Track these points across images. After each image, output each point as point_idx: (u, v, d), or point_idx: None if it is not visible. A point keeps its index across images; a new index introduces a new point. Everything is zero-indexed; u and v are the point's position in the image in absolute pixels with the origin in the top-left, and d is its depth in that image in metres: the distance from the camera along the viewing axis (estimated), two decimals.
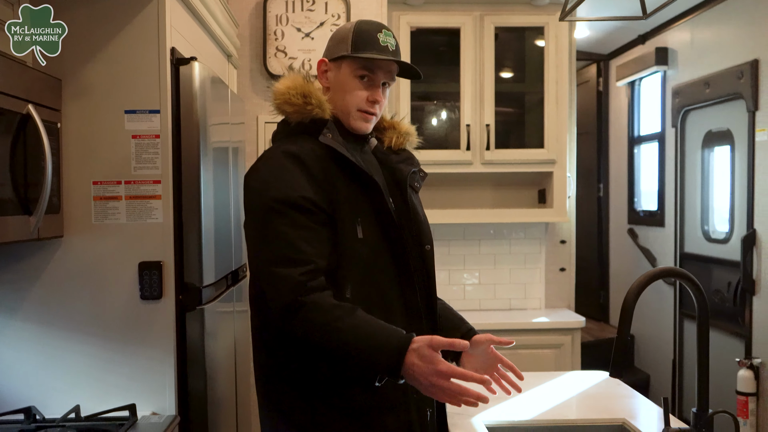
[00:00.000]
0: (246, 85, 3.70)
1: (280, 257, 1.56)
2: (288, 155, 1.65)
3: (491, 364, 1.84)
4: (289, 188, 1.61)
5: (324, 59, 1.78)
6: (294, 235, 1.57)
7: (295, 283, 1.53)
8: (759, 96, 3.60)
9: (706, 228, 4.25)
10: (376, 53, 1.73)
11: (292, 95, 1.71)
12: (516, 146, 3.93)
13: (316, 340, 1.54)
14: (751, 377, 3.55)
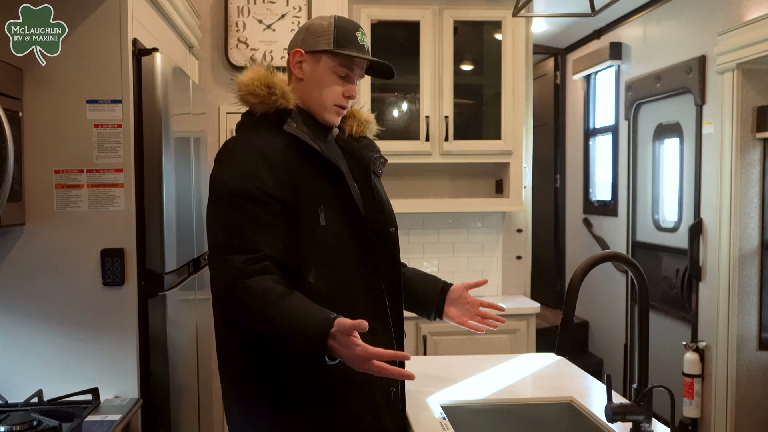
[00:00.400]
0: (208, 76, 3.72)
1: (227, 244, 1.63)
2: (250, 146, 1.70)
3: (472, 308, 2.01)
4: (248, 180, 1.65)
5: (300, 50, 1.80)
6: (245, 226, 1.63)
7: (237, 268, 1.58)
8: (706, 90, 3.75)
9: (657, 217, 4.40)
10: (356, 51, 1.79)
11: (256, 86, 1.75)
12: (474, 138, 4.02)
13: (251, 325, 1.61)
14: (697, 360, 3.71)
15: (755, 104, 3.47)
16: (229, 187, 1.66)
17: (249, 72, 1.79)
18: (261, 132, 1.74)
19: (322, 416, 1.69)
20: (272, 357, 1.68)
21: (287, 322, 1.54)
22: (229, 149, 1.74)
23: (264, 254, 1.61)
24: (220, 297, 1.64)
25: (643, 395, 1.72)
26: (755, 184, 3.50)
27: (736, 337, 3.51)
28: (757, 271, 3.51)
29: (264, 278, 1.58)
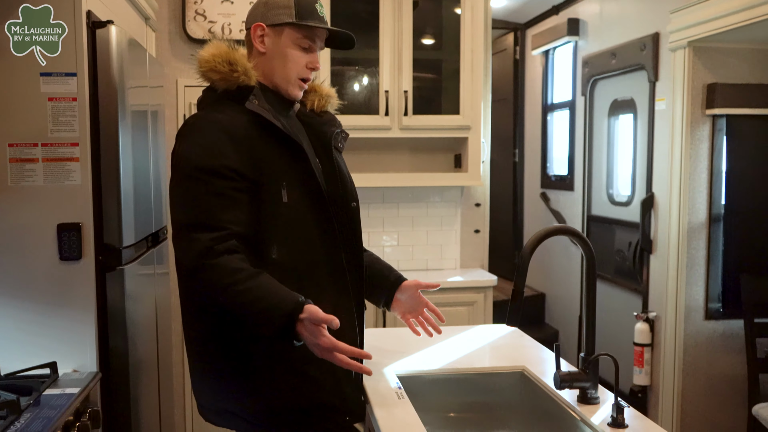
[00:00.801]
0: (165, 49, 3.68)
1: (193, 222, 1.64)
2: (213, 123, 1.70)
3: (418, 308, 2.08)
4: (211, 156, 1.66)
5: (261, 24, 1.80)
6: (210, 202, 1.64)
7: (204, 246, 1.60)
8: (659, 67, 3.83)
9: (611, 192, 4.50)
10: (317, 22, 1.80)
11: (218, 63, 1.75)
12: (433, 112, 4.05)
13: (218, 302, 1.62)
14: (647, 329, 3.83)
15: (705, 81, 3.56)
16: (192, 163, 1.67)
17: (210, 48, 1.79)
18: (223, 108, 1.75)
19: (287, 384, 1.73)
20: (235, 329, 1.71)
21: (255, 304, 1.58)
22: (191, 125, 1.74)
23: (230, 232, 1.63)
24: (185, 275, 1.66)
25: (590, 363, 1.79)
26: (704, 160, 3.60)
27: (684, 307, 3.63)
28: (704, 244, 3.63)
29: (232, 257, 1.61)
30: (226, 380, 1.76)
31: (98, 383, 2.15)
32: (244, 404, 1.75)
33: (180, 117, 3.68)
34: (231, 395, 1.76)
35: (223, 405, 1.79)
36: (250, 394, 1.74)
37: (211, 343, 1.76)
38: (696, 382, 3.66)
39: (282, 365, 1.73)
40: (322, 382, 1.77)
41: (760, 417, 3.16)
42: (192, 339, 1.82)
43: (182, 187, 1.69)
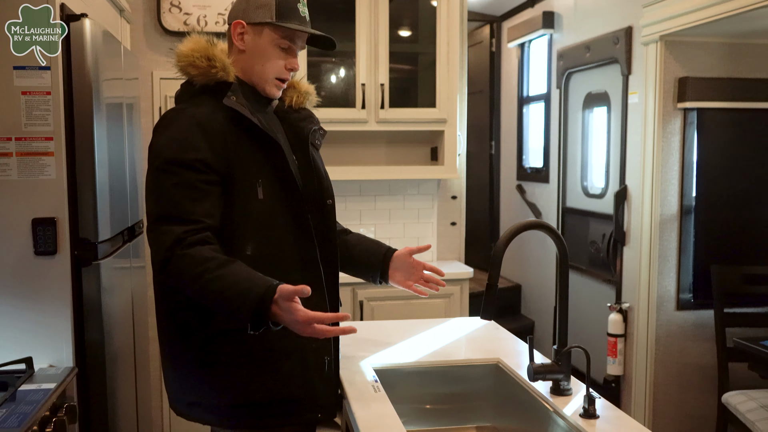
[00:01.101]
0: (140, 41, 3.65)
1: (165, 215, 1.65)
2: (189, 117, 1.71)
3: (416, 272, 2.09)
4: (184, 150, 1.67)
5: (241, 21, 1.79)
6: (181, 195, 1.65)
7: (175, 238, 1.61)
8: (632, 61, 3.88)
9: (585, 184, 4.55)
10: (298, 23, 1.80)
11: (197, 58, 1.75)
12: (410, 105, 4.06)
13: (189, 292, 1.63)
14: (620, 320, 3.89)
15: (677, 75, 3.61)
16: (164, 156, 1.68)
17: (189, 42, 1.79)
18: (200, 103, 1.75)
19: (257, 379, 1.75)
20: (208, 322, 1.72)
21: (227, 290, 1.57)
22: (168, 119, 1.75)
23: (204, 224, 1.65)
24: (157, 266, 1.66)
25: (562, 355, 1.82)
26: (676, 152, 3.66)
27: (656, 298, 3.69)
28: (676, 235, 3.69)
29: (204, 248, 1.62)
30: (196, 374, 1.77)
31: (75, 378, 2.14)
32: (213, 398, 1.77)
33: (156, 109, 3.66)
34: (201, 389, 1.78)
35: (193, 398, 1.80)
36: (220, 388, 1.75)
37: (181, 336, 1.78)
38: (668, 372, 3.73)
39: (248, 358, 1.74)
40: (292, 377, 1.79)
41: (730, 405, 3.23)
42: (164, 332, 1.84)
43: (156, 179, 1.70)
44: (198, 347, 1.75)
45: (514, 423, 2.09)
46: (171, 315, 1.79)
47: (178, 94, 1.86)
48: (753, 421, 3.01)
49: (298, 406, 1.81)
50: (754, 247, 3.79)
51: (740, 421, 3.13)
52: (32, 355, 2.10)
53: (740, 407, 3.14)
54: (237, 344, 1.73)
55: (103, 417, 2.32)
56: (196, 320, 1.74)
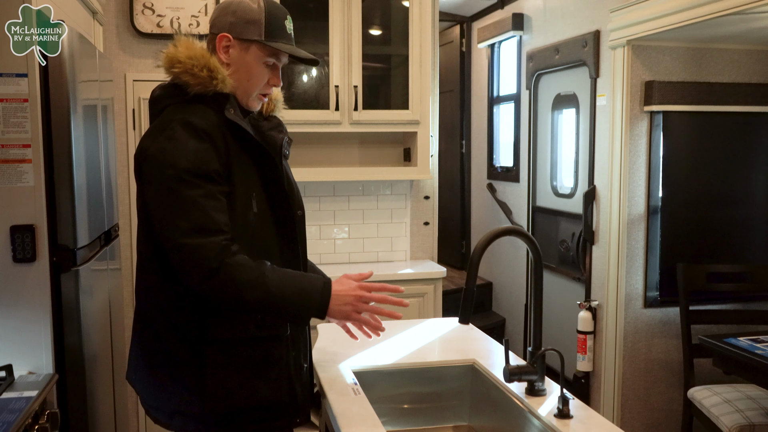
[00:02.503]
0: (113, 42, 3.64)
1: (198, 226, 1.63)
2: (192, 127, 1.69)
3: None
4: (199, 160, 1.67)
5: (227, 35, 1.78)
6: (208, 205, 1.65)
7: (220, 247, 1.63)
8: (600, 64, 3.96)
9: (555, 184, 4.64)
10: (286, 42, 1.82)
11: (196, 67, 1.73)
12: (382, 107, 4.11)
13: (248, 296, 1.65)
14: (590, 318, 3.98)
15: (643, 79, 3.70)
16: (180, 167, 1.65)
17: (184, 48, 1.76)
18: (196, 111, 1.73)
19: (245, 386, 1.77)
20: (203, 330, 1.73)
21: (290, 285, 1.69)
22: (170, 128, 1.70)
23: (231, 235, 1.69)
24: (204, 276, 1.63)
25: (537, 357, 1.88)
26: (642, 154, 3.75)
27: (624, 296, 3.79)
28: (643, 234, 3.79)
29: (245, 256, 1.67)
30: (183, 382, 1.77)
31: (54, 385, 2.15)
32: (199, 406, 1.76)
33: (129, 111, 3.65)
34: (187, 398, 1.77)
35: (176, 407, 1.79)
36: (209, 396, 1.75)
37: (172, 344, 1.77)
38: (635, 367, 3.82)
39: (244, 367, 1.77)
40: (279, 383, 1.83)
41: (695, 399, 3.34)
42: (150, 340, 1.82)
43: (170, 191, 1.65)
44: (190, 355, 1.75)
45: (490, 423, 2.15)
46: (164, 322, 1.77)
47: (163, 97, 1.81)
48: (717, 416, 3.11)
49: (282, 410, 1.85)
50: (718, 246, 3.90)
51: (705, 415, 3.23)
52: (12, 362, 2.10)
53: (705, 402, 3.24)
54: (231, 352, 1.75)
55: (83, 422, 2.33)
56: (195, 328, 1.74)
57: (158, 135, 1.71)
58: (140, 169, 1.74)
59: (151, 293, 1.80)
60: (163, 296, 1.77)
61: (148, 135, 1.75)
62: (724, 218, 3.91)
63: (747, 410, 3.07)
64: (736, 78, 3.81)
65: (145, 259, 1.80)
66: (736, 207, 3.92)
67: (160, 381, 1.81)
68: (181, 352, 1.76)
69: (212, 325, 1.74)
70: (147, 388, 1.86)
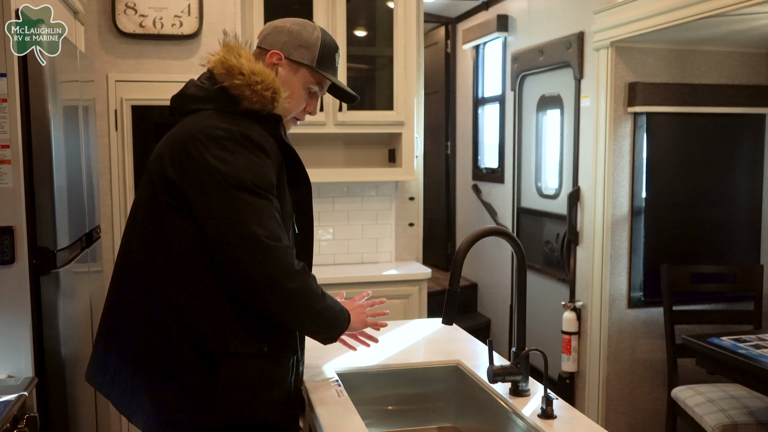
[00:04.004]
0: (94, 43, 3.60)
1: (273, 234, 1.64)
2: (253, 142, 1.67)
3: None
4: (262, 173, 1.66)
5: (279, 54, 1.78)
6: (276, 215, 1.67)
7: (294, 255, 1.68)
8: (584, 65, 3.97)
9: (540, 185, 4.65)
10: (333, 74, 1.84)
11: (260, 85, 1.69)
12: (367, 108, 4.10)
13: (317, 306, 1.73)
14: (574, 318, 3.99)
15: (627, 80, 3.72)
16: (247, 178, 1.63)
17: (246, 61, 1.72)
18: (253, 127, 1.70)
19: (249, 403, 1.72)
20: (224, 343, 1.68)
21: (333, 308, 1.80)
22: (227, 139, 1.66)
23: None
24: (285, 279, 1.64)
25: (521, 358, 1.88)
26: (626, 155, 3.77)
27: (609, 296, 3.80)
28: (627, 235, 3.80)
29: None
30: (189, 394, 1.69)
31: (34, 389, 2.12)
32: (198, 419, 1.69)
33: (111, 112, 3.62)
34: (189, 409, 1.69)
35: (173, 418, 1.71)
36: (212, 410, 1.68)
37: (186, 354, 1.68)
38: (620, 368, 3.84)
39: (252, 384, 1.72)
40: (279, 404, 1.79)
41: (679, 399, 3.35)
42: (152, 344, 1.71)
43: (244, 201, 1.62)
44: (203, 364, 1.68)
45: (475, 423, 2.14)
46: (178, 327, 1.69)
47: (202, 98, 1.74)
48: (701, 415, 3.12)
49: (276, 430, 1.81)
50: (701, 246, 3.93)
51: (688, 414, 3.25)
52: None
53: (689, 401, 3.26)
54: (243, 367, 1.70)
55: (64, 426, 2.30)
56: (213, 338, 1.68)
57: (210, 143, 1.65)
58: (185, 175, 1.65)
59: (168, 299, 1.70)
60: (186, 303, 1.68)
61: (191, 139, 1.67)
62: (708, 219, 3.93)
63: (730, 409, 3.08)
64: (719, 80, 3.84)
65: (165, 264, 1.70)
66: (719, 208, 3.95)
67: (159, 388, 1.72)
68: (194, 361, 1.68)
69: (230, 336, 1.68)
70: (135, 394, 1.75)
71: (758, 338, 3.06)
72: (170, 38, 3.66)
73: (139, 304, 1.74)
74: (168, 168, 1.67)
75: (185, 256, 1.68)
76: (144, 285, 1.73)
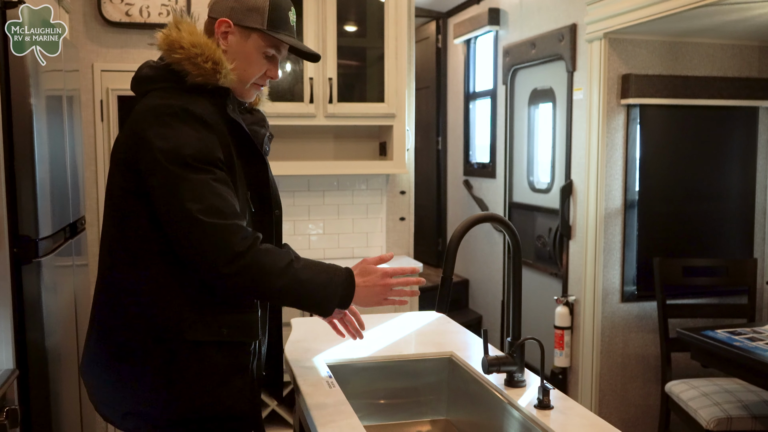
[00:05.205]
0: (79, 31, 3.54)
1: (213, 208, 1.57)
2: (195, 116, 1.62)
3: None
4: (204, 147, 1.60)
5: (228, 21, 1.70)
6: (221, 189, 1.59)
7: (243, 231, 1.59)
8: (576, 58, 3.94)
9: (532, 179, 4.61)
10: (288, 34, 1.75)
11: (200, 57, 1.64)
12: (358, 100, 4.05)
13: (276, 284, 1.61)
14: (567, 313, 3.95)
15: (620, 72, 3.69)
16: (187, 153, 1.58)
17: (187, 34, 1.65)
18: (197, 101, 1.65)
19: (210, 393, 1.68)
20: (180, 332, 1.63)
21: (317, 276, 1.66)
22: (169, 114, 1.61)
23: (244, 221, 1.64)
24: (228, 260, 1.56)
25: (516, 347, 1.83)
26: (619, 148, 3.73)
27: (602, 291, 3.77)
28: (620, 229, 3.77)
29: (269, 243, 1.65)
30: (148, 384, 1.65)
31: (15, 381, 2.06)
32: (157, 410, 1.66)
33: (96, 102, 3.56)
34: (147, 399, 1.66)
35: (132, 408, 1.68)
36: (171, 400, 1.65)
37: (146, 343, 1.65)
38: (613, 362, 3.80)
39: (214, 373, 1.67)
40: (241, 393, 1.73)
41: (673, 393, 3.32)
42: (119, 336, 1.68)
43: (179, 176, 1.57)
44: (160, 353, 1.64)
45: (468, 416, 2.10)
46: (137, 316, 1.65)
47: (152, 77, 1.70)
48: (695, 409, 3.09)
49: (240, 422, 1.75)
50: (695, 240, 3.90)
51: (683, 409, 3.21)
52: None
53: (683, 396, 3.22)
54: (201, 355, 1.65)
55: (46, 420, 2.24)
56: (170, 326, 1.63)
57: (153, 121, 1.61)
58: (134, 156, 1.62)
59: (124, 284, 1.68)
60: (139, 289, 1.65)
61: (138, 120, 1.63)
62: (700, 212, 3.90)
63: (725, 403, 3.05)
64: (711, 72, 3.81)
65: (120, 249, 1.68)
66: (712, 201, 3.92)
67: (120, 377, 1.69)
68: (151, 349, 1.64)
69: (186, 324, 1.64)
70: (103, 383, 1.73)
71: (753, 331, 3.03)
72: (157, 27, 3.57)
73: (103, 294, 1.73)
74: (121, 150, 1.66)
75: (139, 241, 1.65)
76: (105, 267, 1.72)
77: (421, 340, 2.44)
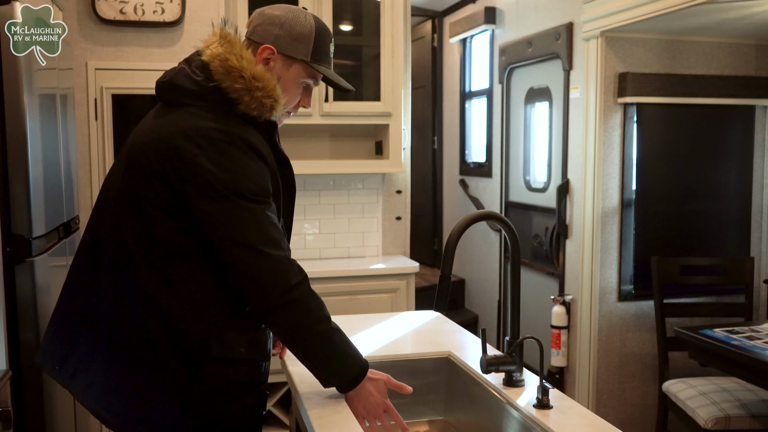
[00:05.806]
0: (73, 29, 3.51)
1: (273, 240, 1.60)
2: (252, 148, 1.61)
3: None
4: (261, 180, 1.62)
5: (272, 48, 1.68)
6: (275, 220, 1.63)
7: (298, 266, 1.62)
8: (573, 56, 3.93)
9: (528, 178, 4.60)
10: (327, 66, 1.77)
11: (261, 92, 1.62)
12: (354, 99, 4.02)
13: (315, 329, 1.65)
14: (563, 312, 3.94)
15: (617, 70, 3.68)
16: (246, 187, 1.58)
17: (248, 63, 1.63)
18: (246, 129, 1.63)
19: (226, 408, 1.67)
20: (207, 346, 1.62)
21: (345, 345, 1.69)
22: (226, 142, 1.59)
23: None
24: (285, 291, 1.60)
25: (515, 347, 1.82)
26: (616, 147, 3.72)
27: (599, 290, 3.75)
28: (617, 228, 3.76)
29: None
30: (166, 393, 1.63)
31: (8, 382, 2.04)
32: (171, 419, 1.63)
33: (90, 101, 3.53)
34: (161, 409, 1.63)
35: (146, 415, 1.64)
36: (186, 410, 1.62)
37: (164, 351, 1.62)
38: (610, 362, 3.79)
39: (230, 388, 1.67)
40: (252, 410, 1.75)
41: (670, 393, 3.31)
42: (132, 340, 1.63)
43: (242, 208, 1.57)
44: (183, 366, 1.62)
45: (466, 416, 2.08)
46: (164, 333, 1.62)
47: (195, 93, 1.64)
48: (693, 408, 3.08)
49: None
50: (692, 238, 3.89)
51: (680, 408, 3.20)
52: None
53: (680, 395, 3.21)
54: (222, 371, 1.65)
55: (40, 421, 2.22)
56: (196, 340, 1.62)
57: (207, 146, 1.57)
58: (177, 174, 1.58)
59: (148, 298, 1.62)
60: (167, 303, 1.61)
61: (184, 138, 1.58)
62: (698, 211, 3.89)
63: (723, 402, 3.04)
64: (708, 70, 3.80)
65: (147, 263, 1.62)
66: (709, 200, 3.91)
67: (135, 380, 1.64)
68: (174, 359, 1.62)
69: (214, 342, 1.63)
70: (109, 385, 1.67)
71: (751, 330, 3.02)
72: (152, 25, 3.57)
73: (113, 292, 1.66)
74: (155, 165, 1.59)
75: (171, 259, 1.62)
76: (117, 273, 1.65)
77: (419, 339, 2.42)
